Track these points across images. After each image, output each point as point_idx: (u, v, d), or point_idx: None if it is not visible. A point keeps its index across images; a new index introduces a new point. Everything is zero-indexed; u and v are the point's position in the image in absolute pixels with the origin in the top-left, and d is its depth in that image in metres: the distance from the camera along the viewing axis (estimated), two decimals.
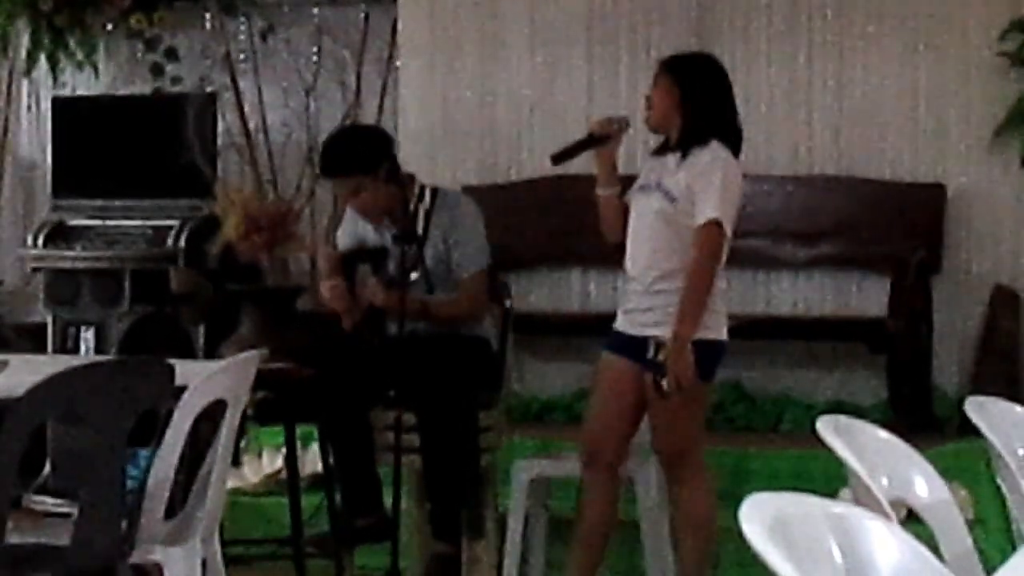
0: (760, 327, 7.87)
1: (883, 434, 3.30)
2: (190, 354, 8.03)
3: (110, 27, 9.48)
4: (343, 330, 5.88)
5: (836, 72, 8.03)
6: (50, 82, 9.68)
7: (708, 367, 5.27)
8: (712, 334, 5.24)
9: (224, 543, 4.84)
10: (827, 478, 5.60)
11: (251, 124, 8.99)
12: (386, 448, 5.66)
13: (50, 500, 4.93)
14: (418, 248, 5.71)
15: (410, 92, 8.52)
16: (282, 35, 9.14)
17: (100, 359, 6.65)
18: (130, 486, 4.31)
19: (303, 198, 8.66)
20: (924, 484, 3.27)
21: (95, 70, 9.57)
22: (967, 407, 3.48)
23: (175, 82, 9.33)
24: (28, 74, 9.68)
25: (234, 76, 9.03)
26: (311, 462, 6.42)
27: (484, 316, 6.00)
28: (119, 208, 8.98)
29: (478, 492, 5.84)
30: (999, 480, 3.56)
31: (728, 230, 5.21)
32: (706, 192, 5.19)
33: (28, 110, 9.87)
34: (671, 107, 5.34)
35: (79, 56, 9.53)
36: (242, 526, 6.16)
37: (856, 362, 7.85)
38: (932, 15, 7.90)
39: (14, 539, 4.12)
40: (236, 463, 6.58)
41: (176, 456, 4.31)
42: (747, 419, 7.85)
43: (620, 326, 5.39)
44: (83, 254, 8.83)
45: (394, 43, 8.81)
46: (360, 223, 6.00)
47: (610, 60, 8.31)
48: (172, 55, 9.36)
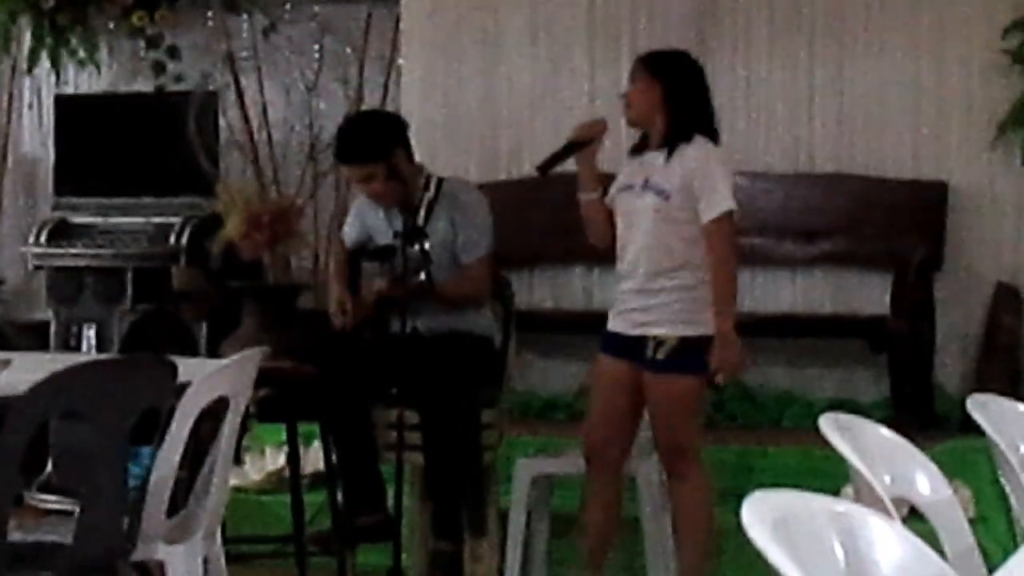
0: (762, 325, 7.86)
1: (885, 432, 3.30)
2: (192, 352, 8.03)
3: (112, 25, 9.49)
4: (345, 329, 5.89)
5: (837, 70, 8.03)
6: (52, 80, 9.69)
7: (703, 363, 5.29)
8: (706, 330, 5.25)
9: (226, 541, 4.85)
10: (829, 476, 5.59)
11: (253, 122, 8.98)
12: (388, 446, 5.66)
13: (52, 498, 4.93)
14: (422, 247, 5.70)
15: (412, 89, 8.53)
16: (284, 33, 9.14)
17: (102, 357, 6.65)
18: (132, 484, 4.31)
19: (305, 196, 8.66)
20: (926, 482, 3.27)
21: (97, 68, 9.57)
22: (969, 405, 3.48)
23: (177, 80, 9.34)
24: (30, 72, 9.69)
25: (236, 74, 9.03)
26: (313, 460, 6.43)
27: (486, 301, 6.00)
28: (121, 206, 8.98)
29: (480, 490, 5.84)
30: (1001, 478, 3.56)
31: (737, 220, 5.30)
32: (712, 186, 5.23)
33: (30, 108, 9.87)
34: (653, 104, 5.34)
35: (81, 54, 9.53)
36: (244, 524, 6.16)
37: (858, 360, 7.85)
38: (934, 13, 7.90)
39: (16, 537, 4.12)
40: (238, 461, 6.58)
41: (178, 454, 4.31)
42: (749, 417, 7.85)
43: (615, 327, 5.40)
44: (85, 252, 8.84)
45: (396, 41, 8.81)
46: (368, 216, 6.00)
47: (611, 57, 8.30)
48: (174, 53, 9.37)
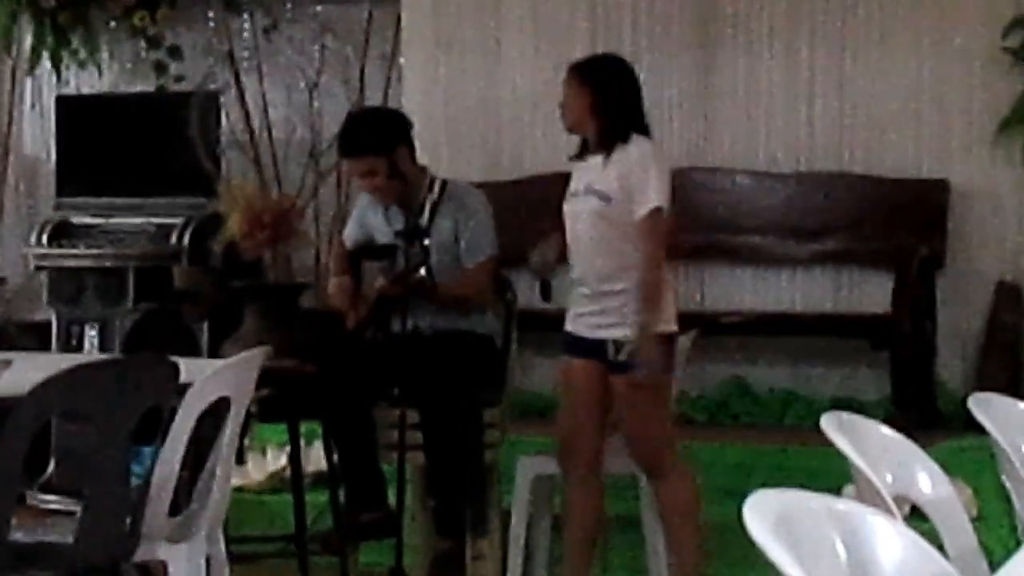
0: (763, 324, 7.88)
1: (887, 430, 3.30)
2: (194, 352, 8.03)
3: (113, 25, 9.49)
4: (346, 328, 5.88)
5: (838, 69, 8.03)
6: (54, 80, 9.69)
7: (665, 360, 5.30)
8: (663, 327, 5.27)
9: (228, 541, 4.85)
10: (831, 475, 5.58)
11: (254, 121, 8.98)
12: (390, 445, 5.66)
13: (54, 498, 4.93)
14: (421, 245, 5.71)
15: (413, 89, 8.53)
16: (285, 32, 9.15)
17: (104, 357, 6.65)
18: (134, 484, 4.32)
19: (306, 195, 8.65)
20: (928, 480, 3.27)
21: (98, 68, 9.58)
22: (971, 403, 3.48)
23: (178, 80, 9.34)
24: (31, 72, 9.69)
25: (237, 74, 9.03)
26: (315, 459, 6.42)
27: (488, 305, 6.00)
28: (123, 206, 8.99)
29: (482, 489, 5.84)
30: (1003, 476, 3.56)
31: (670, 217, 5.27)
32: (644, 183, 5.24)
33: (32, 108, 9.88)
34: (584, 109, 5.36)
35: (82, 54, 9.54)
36: (246, 523, 6.16)
37: (860, 358, 7.85)
38: (935, 11, 7.90)
39: (18, 537, 4.13)
40: (240, 461, 6.58)
41: (180, 454, 4.31)
42: (750, 416, 7.86)
43: (573, 329, 5.42)
44: (87, 252, 8.84)
45: (397, 40, 8.81)
46: (369, 215, 6.00)
47: None
48: (175, 53, 9.37)
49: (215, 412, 4.45)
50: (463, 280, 5.86)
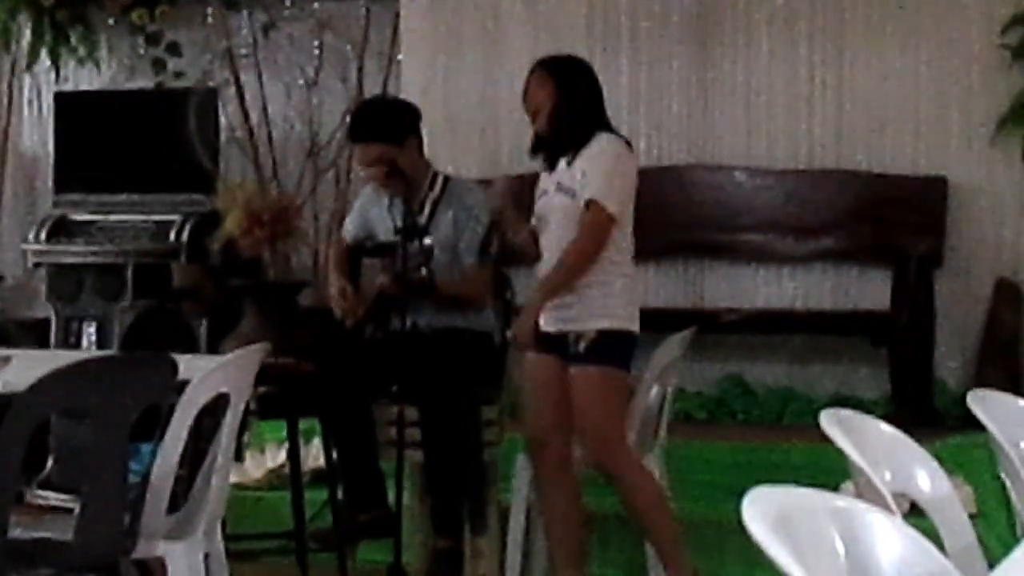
0: (762, 321, 7.88)
1: (885, 428, 3.30)
2: (192, 349, 8.03)
3: (112, 22, 9.49)
4: (345, 325, 5.88)
5: (837, 66, 8.03)
6: (52, 77, 9.69)
7: (624, 357, 5.32)
8: (626, 324, 5.29)
9: (227, 538, 4.84)
10: (830, 472, 5.58)
11: (253, 119, 8.99)
12: (388, 443, 5.66)
13: (53, 495, 4.94)
14: (421, 244, 5.70)
15: (411, 87, 8.52)
16: (284, 30, 9.15)
17: (102, 354, 6.65)
18: (133, 481, 4.31)
19: (305, 193, 8.66)
20: (926, 477, 3.27)
21: (97, 65, 9.58)
22: (969, 400, 3.48)
23: (177, 77, 9.34)
24: (30, 69, 9.69)
25: (236, 71, 9.03)
26: (313, 457, 6.43)
27: (487, 303, 6.00)
28: (121, 203, 8.99)
29: (480, 487, 5.84)
30: (1001, 473, 3.56)
31: (614, 212, 5.23)
32: (592, 175, 5.25)
33: (30, 105, 9.88)
34: (555, 107, 5.34)
35: (81, 51, 9.54)
36: (245, 521, 6.16)
37: (858, 356, 7.85)
38: (933, 9, 7.90)
39: (17, 533, 4.12)
40: (238, 458, 6.58)
41: (178, 451, 4.31)
42: (749, 413, 7.86)
43: (541, 325, 5.38)
44: (85, 249, 8.84)
45: (396, 38, 8.81)
46: (371, 211, 6.00)
47: (611, 55, 8.30)
48: (174, 50, 9.37)
49: (214, 409, 4.45)
50: (463, 279, 5.86)
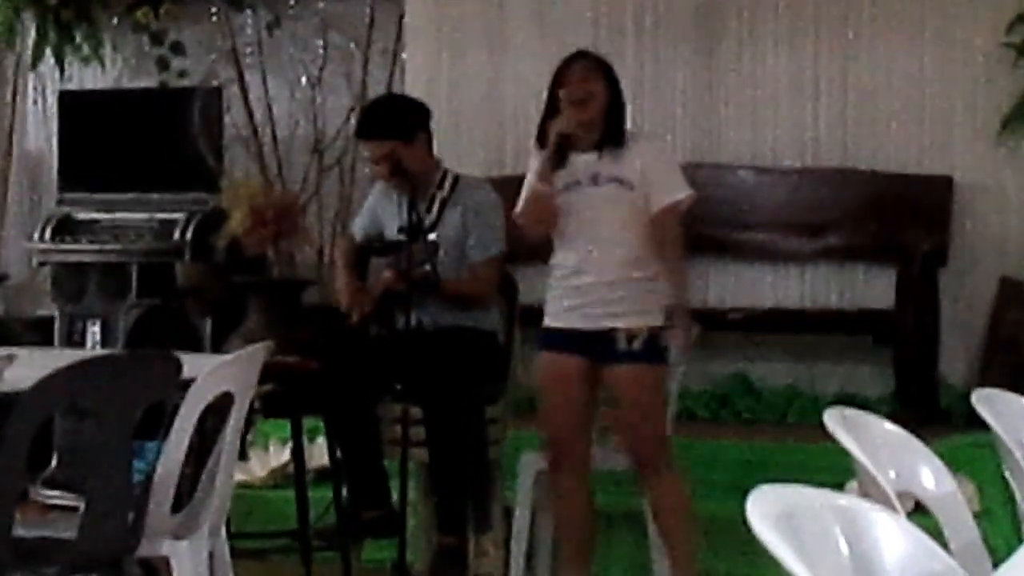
0: (766, 320, 7.88)
1: (890, 426, 3.30)
2: (197, 347, 8.04)
3: (116, 21, 9.50)
4: (350, 323, 5.89)
5: (842, 64, 8.03)
6: (56, 76, 9.70)
7: (665, 351, 5.33)
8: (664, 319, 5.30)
9: (231, 536, 4.85)
10: (834, 470, 5.57)
11: (257, 117, 8.99)
12: (393, 441, 5.66)
13: (57, 493, 4.93)
14: (426, 241, 5.70)
15: (416, 85, 8.51)
16: (288, 28, 9.15)
17: (107, 352, 6.66)
18: (137, 479, 4.32)
19: (309, 191, 8.66)
20: (931, 476, 3.27)
21: (101, 64, 9.58)
22: (974, 399, 3.48)
23: (181, 76, 9.34)
24: (34, 68, 9.70)
25: (240, 69, 9.03)
26: (317, 455, 6.43)
27: (493, 303, 6.00)
28: (125, 202, 8.99)
29: (484, 485, 5.84)
30: (1006, 472, 3.55)
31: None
32: (671, 172, 5.38)
33: (34, 104, 9.88)
34: (606, 101, 5.37)
35: (85, 50, 9.55)
36: (249, 519, 6.17)
37: (863, 354, 7.85)
38: (938, 7, 7.90)
39: (21, 532, 4.13)
40: (243, 456, 6.59)
41: (183, 449, 4.31)
42: (753, 412, 7.85)
43: (562, 323, 5.36)
44: (90, 247, 8.84)
45: (400, 36, 8.81)
46: (381, 207, 6.00)
47: (616, 52, 8.25)
48: (178, 49, 9.37)
49: (218, 408, 4.45)
50: (469, 277, 5.86)
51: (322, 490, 5.93)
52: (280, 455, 6.84)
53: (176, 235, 8.63)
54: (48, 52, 9.57)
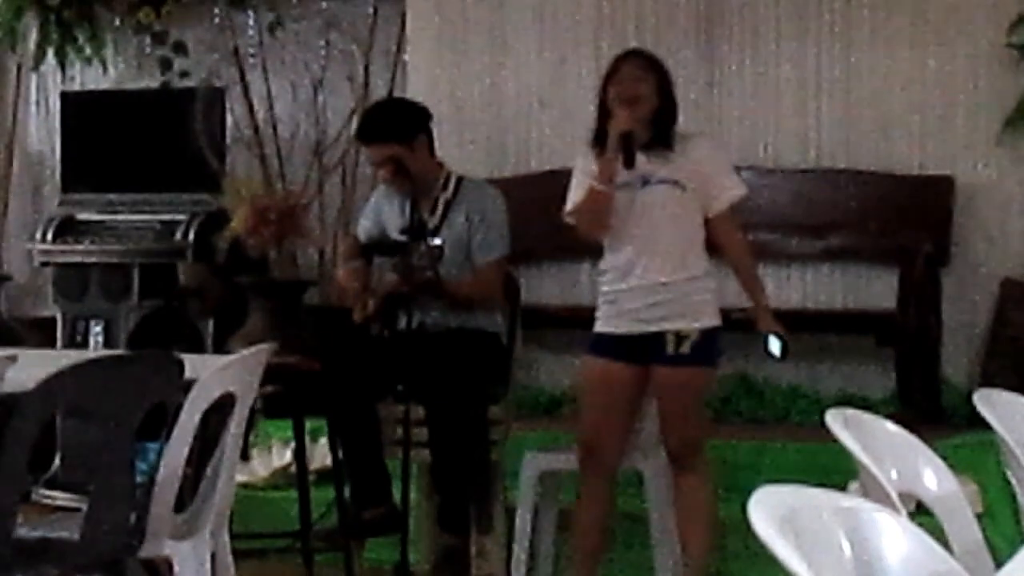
0: None
1: (892, 427, 3.30)
2: (199, 348, 8.04)
3: (118, 21, 9.50)
4: (352, 324, 5.89)
5: (844, 66, 8.02)
6: (58, 77, 9.70)
7: (717, 353, 5.37)
8: (716, 320, 5.30)
9: (233, 537, 4.85)
10: (836, 471, 5.58)
11: (259, 118, 8.99)
12: (395, 442, 5.66)
13: (59, 494, 4.93)
14: (429, 244, 5.70)
15: (418, 86, 8.51)
16: (290, 29, 9.15)
17: (109, 353, 6.66)
18: (139, 480, 4.32)
19: (311, 192, 8.66)
20: (933, 476, 3.27)
21: (103, 65, 9.58)
22: (976, 399, 3.48)
23: (183, 76, 9.34)
24: (36, 69, 9.69)
25: (242, 70, 9.03)
26: (320, 456, 6.43)
27: (497, 304, 6.00)
28: (128, 202, 8.99)
29: (486, 485, 5.85)
30: (1008, 472, 3.55)
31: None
32: (727, 173, 5.40)
33: (36, 105, 9.88)
34: (656, 101, 5.35)
35: (87, 51, 9.54)
36: (251, 520, 6.16)
37: (865, 355, 7.85)
38: (940, 8, 7.89)
39: (23, 533, 4.13)
40: (245, 457, 6.58)
41: (185, 450, 4.31)
42: (756, 412, 7.85)
43: (612, 328, 5.35)
44: (92, 248, 8.84)
45: (402, 37, 8.81)
46: (384, 210, 6.01)
47: (618, 53, 8.29)
48: (180, 49, 9.37)
49: (220, 408, 4.45)
50: (474, 278, 5.86)
51: (324, 491, 5.93)
52: (282, 456, 6.84)
53: (178, 236, 8.63)
54: (50, 53, 9.56)
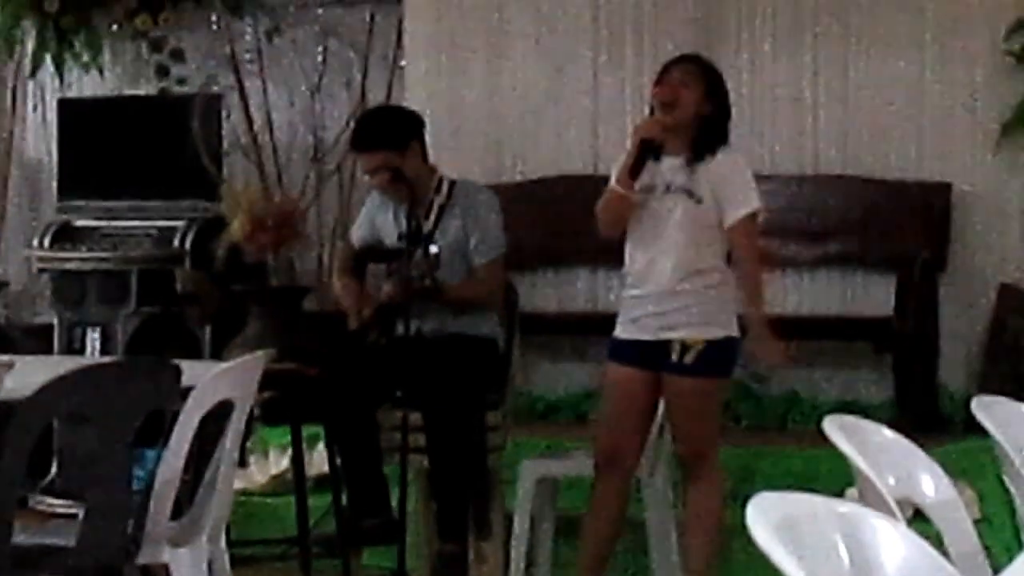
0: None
1: (889, 433, 3.30)
2: (196, 355, 8.03)
3: (116, 28, 9.49)
4: (349, 328, 5.89)
5: (841, 71, 8.03)
6: (56, 83, 9.69)
7: (729, 365, 5.36)
8: (730, 331, 5.28)
9: (231, 544, 4.85)
10: (833, 477, 5.59)
11: (257, 124, 8.98)
12: (392, 448, 5.66)
13: (56, 501, 4.94)
14: (426, 251, 5.70)
15: (416, 92, 8.52)
16: (288, 35, 9.14)
17: (106, 360, 6.65)
18: (136, 487, 4.32)
19: (309, 198, 8.66)
20: (930, 483, 3.27)
21: (100, 71, 9.58)
22: (973, 406, 3.48)
23: (181, 83, 9.33)
24: (34, 75, 9.69)
25: (240, 77, 9.02)
26: (317, 462, 6.43)
27: (498, 303, 6.00)
28: (125, 209, 8.98)
29: (484, 492, 5.84)
30: (1005, 479, 3.56)
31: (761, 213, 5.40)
32: (744, 186, 5.33)
33: (34, 111, 9.88)
34: (698, 108, 5.32)
35: (85, 57, 9.54)
36: (249, 527, 6.16)
37: (862, 361, 7.85)
38: (938, 14, 7.90)
39: (20, 539, 4.12)
40: (243, 464, 6.59)
41: (182, 457, 4.31)
42: (753, 418, 7.85)
43: (626, 334, 5.36)
44: (89, 255, 8.83)
45: (400, 43, 8.81)
46: (379, 215, 6.01)
47: (616, 60, 8.31)
48: (178, 56, 9.37)
49: (218, 415, 4.45)
50: (474, 280, 5.86)
51: (322, 497, 5.93)
52: (280, 462, 6.84)
53: (176, 242, 8.63)
54: (47, 59, 9.56)
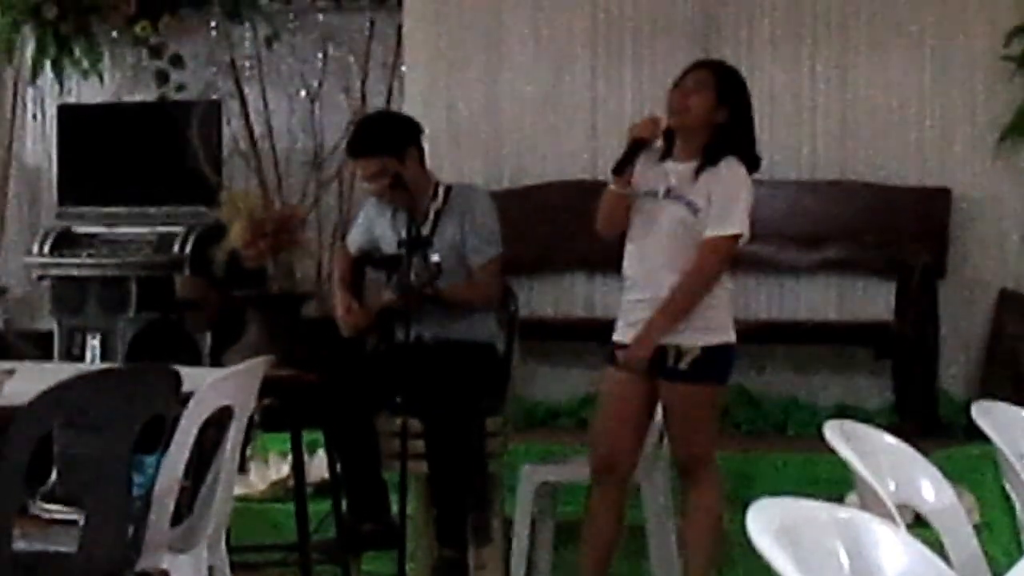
0: (766, 332, 7.86)
1: (889, 438, 3.30)
2: (196, 361, 8.03)
3: (115, 34, 9.49)
4: (343, 334, 5.89)
5: (840, 77, 8.03)
6: (56, 90, 9.69)
7: (724, 371, 5.33)
8: (725, 337, 5.27)
9: (231, 550, 4.84)
10: (833, 482, 5.59)
11: (256, 131, 8.98)
12: (392, 454, 5.66)
13: (56, 507, 4.93)
14: (426, 259, 5.70)
15: (415, 98, 8.52)
16: (287, 41, 9.15)
17: (106, 366, 6.65)
18: (136, 493, 4.31)
19: (308, 204, 8.66)
20: (931, 488, 3.27)
21: (100, 78, 9.58)
22: (973, 411, 3.48)
23: (180, 89, 9.34)
24: (33, 82, 9.69)
25: (239, 83, 9.02)
26: (317, 468, 6.42)
27: (497, 303, 6.00)
28: (125, 215, 8.99)
29: (484, 498, 5.84)
30: (1006, 484, 3.56)
31: (743, 235, 5.30)
32: (734, 206, 5.25)
33: (33, 118, 9.87)
34: (708, 115, 5.30)
35: (84, 64, 9.54)
36: (249, 533, 6.16)
37: (862, 366, 7.85)
38: (937, 19, 7.90)
39: (20, 546, 4.12)
40: (242, 470, 6.58)
41: (182, 463, 4.31)
42: (753, 424, 7.85)
43: (625, 338, 5.37)
44: (89, 261, 8.84)
45: (399, 49, 8.81)
46: (376, 223, 6.01)
47: (615, 66, 8.31)
48: (177, 62, 9.37)
49: (218, 421, 4.45)
50: (473, 282, 5.86)
51: (322, 503, 5.92)
52: (280, 468, 6.84)
53: (175, 248, 8.63)
54: (47, 66, 9.57)
